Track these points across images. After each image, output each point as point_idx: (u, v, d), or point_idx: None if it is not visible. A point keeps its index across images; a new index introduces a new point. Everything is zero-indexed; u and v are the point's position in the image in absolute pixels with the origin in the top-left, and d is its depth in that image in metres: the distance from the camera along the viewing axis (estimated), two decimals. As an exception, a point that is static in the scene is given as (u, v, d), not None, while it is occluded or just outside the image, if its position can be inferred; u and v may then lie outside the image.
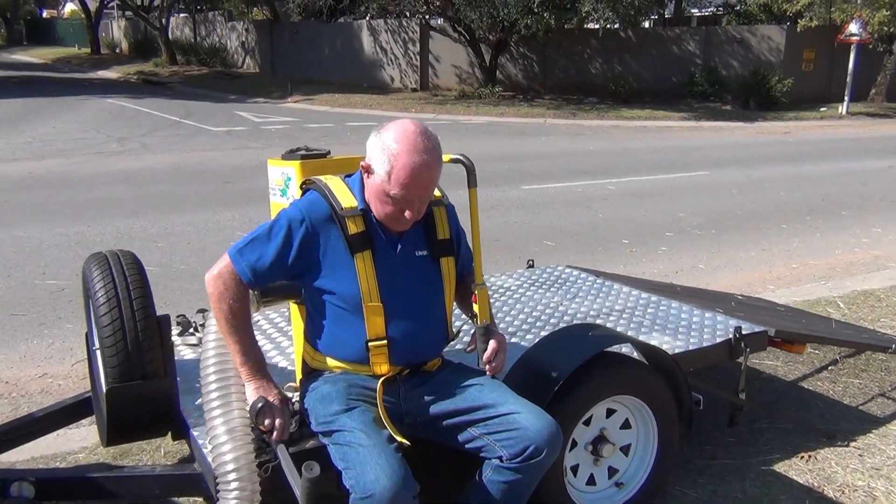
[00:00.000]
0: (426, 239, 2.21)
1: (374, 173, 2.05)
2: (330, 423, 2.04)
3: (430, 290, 2.22)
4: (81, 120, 15.06)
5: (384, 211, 2.08)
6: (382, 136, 2.05)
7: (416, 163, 2.01)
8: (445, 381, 2.20)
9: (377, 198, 2.07)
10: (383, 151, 2.02)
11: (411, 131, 2.04)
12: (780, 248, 6.80)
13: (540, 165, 10.96)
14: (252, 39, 29.60)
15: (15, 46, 47.19)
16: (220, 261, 2.11)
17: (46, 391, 3.78)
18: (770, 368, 3.94)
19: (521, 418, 2.04)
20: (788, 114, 18.61)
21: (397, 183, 2.01)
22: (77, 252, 6.02)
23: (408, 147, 2.01)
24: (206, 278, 2.11)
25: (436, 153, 2.06)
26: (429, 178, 2.05)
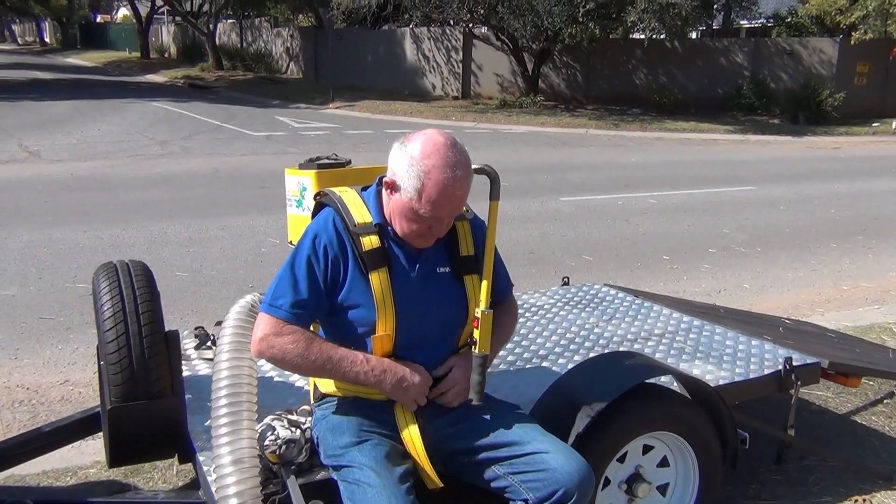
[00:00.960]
0: (448, 255, 2.05)
1: (400, 190, 1.89)
2: (339, 457, 1.89)
3: (453, 310, 2.05)
4: (126, 123, 15.26)
5: (409, 229, 1.93)
6: (409, 150, 1.88)
7: (449, 180, 1.85)
8: (468, 412, 2.03)
9: (402, 216, 1.92)
10: (412, 167, 1.86)
11: (441, 144, 1.87)
12: (830, 268, 6.50)
13: (580, 177, 10.74)
14: (296, 45, 29.85)
15: (69, 50, 48.34)
16: (258, 324, 1.94)
17: (66, 399, 3.72)
18: (821, 400, 3.69)
19: (549, 459, 1.87)
20: (839, 129, 18.06)
21: (429, 202, 1.85)
22: (110, 255, 6.00)
23: (440, 162, 1.85)
24: (254, 351, 1.93)
25: (468, 167, 1.91)
26: (462, 194, 1.90)
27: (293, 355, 1.89)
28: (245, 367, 2.05)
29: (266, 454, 1.97)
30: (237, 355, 2.02)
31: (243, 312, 2.14)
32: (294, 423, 2.09)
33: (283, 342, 1.89)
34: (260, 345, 1.90)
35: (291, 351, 1.89)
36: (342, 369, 1.92)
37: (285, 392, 2.54)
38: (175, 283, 5.41)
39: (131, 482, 2.81)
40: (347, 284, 1.95)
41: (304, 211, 2.23)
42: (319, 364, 1.91)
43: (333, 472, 1.92)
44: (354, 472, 1.82)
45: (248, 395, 1.98)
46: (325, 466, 1.97)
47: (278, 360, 1.91)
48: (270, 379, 2.66)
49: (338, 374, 1.94)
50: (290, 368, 1.97)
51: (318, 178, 2.20)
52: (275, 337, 1.89)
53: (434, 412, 2.01)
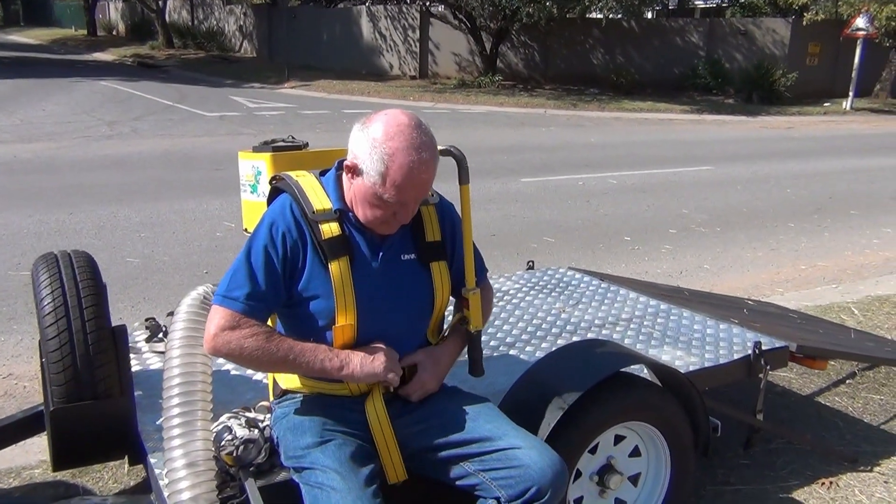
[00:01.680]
0: (413, 242, 1.94)
1: (362, 174, 1.77)
2: (301, 459, 1.78)
3: (418, 299, 1.95)
4: (73, 102, 14.73)
5: (373, 215, 1.82)
6: (371, 132, 1.76)
7: (414, 162, 1.73)
8: (435, 407, 1.95)
9: (365, 201, 1.80)
10: (374, 150, 1.74)
11: (405, 124, 1.76)
12: (788, 247, 6.56)
13: (540, 157, 10.69)
14: (250, 23, 29.17)
15: (11, 27, 46.60)
16: (211, 318, 1.81)
17: (10, 394, 3.53)
18: (784, 381, 3.70)
19: (521, 455, 1.79)
20: (792, 108, 18.34)
21: (393, 186, 1.74)
22: (55, 241, 5.76)
23: (404, 144, 1.73)
24: (208, 348, 1.80)
25: (433, 149, 1.79)
26: (428, 177, 1.79)
27: (252, 349, 1.77)
28: (198, 363, 1.93)
29: (222, 456, 1.85)
30: (189, 350, 1.89)
31: (195, 304, 2.02)
32: (252, 421, 1.98)
33: (240, 336, 1.77)
34: (215, 340, 1.78)
35: (250, 345, 1.77)
36: (305, 361, 1.81)
37: (242, 387, 2.42)
38: (126, 269, 5.21)
39: (79, 483, 2.67)
40: (306, 274, 1.84)
41: (259, 196, 2.09)
42: (281, 357, 1.79)
43: (294, 475, 1.81)
44: (317, 474, 1.72)
45: (202, 393, 1.86)
46: (286, 468, 1.87)
47: (236, 355, 1.79)
48: (227, 373, 2.53)
49: (301, 368, 1.83)
50: (248, 364, 1.85)
51: (274, 162, 2.07)
52: (231, 331, 1.77)
53: (401, 409, 1.92)
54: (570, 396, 2.00)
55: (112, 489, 2.68)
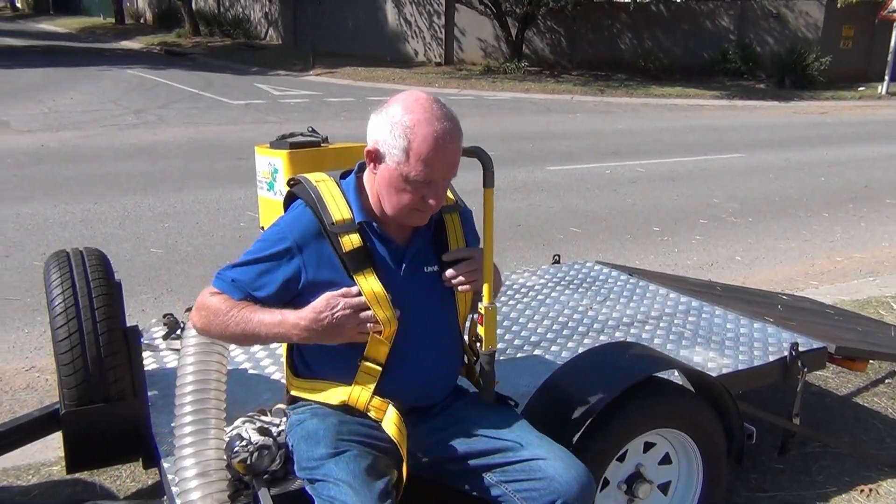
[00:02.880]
0: (436, 251, 1.84)
1: (384, 158, 1.68)
2: (314, 470, 1.71)
3: (441, 312, 1.86)
4: (100, 91, 14.81)
5: (400, 203, 1.71)
6: (389, 112, 1.68)
7: (437, 131, 1.65)
8: (458, 415, 1.87)
9: (391, 187, 1.70)
10: (395, 126, 1.65)
11: (423, 98, 1.69)
12: (822, 238, 6.38)
13: (566, 145, 10.53)
14: (275, 10, 29.14)
15: (41, 15, 47.02)
16: (202, 295, 1.76)
17: (32, 387, 3.53)
18: (820, 380, 3.57)
19: (546, 466, 1.71)
20: (825, 93, 17.92)
21: (418, 159, 1.64)
22: (80, 231, 5.77)
23: (425, 116, 1.65)
24: (191, 321, 1.79)
25: (455, 121, 1.71)
26: (454, 149, 1.69)
27: (216, 312, 1.72)
28: (213, 368, 1.86)
29: (235, 463, 1.79)
30: (204, 356, 1.83)
31: None
32: (267, 426, 1.91)
33: (211, 301, 1.73)
34: (194, 314, 1.76)
35: (216, 307, 1.72)
36: (264, 323, 1.70)
37: (259, 387, 2.36)
38: (149, 260, 5.19)
39: (96, 481, 2.64)
40: (328, 287, 1.73)
41: (275, 195, 2.01)
42: (242, 320, 1.70)
43: (308, 486, 1.74)
44: (329, 487, 1.65)
45: (215, 401, 1.80)
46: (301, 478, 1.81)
47: (204, 321, 1.74)
48: (244, 372, 2.48)
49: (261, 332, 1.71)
50: (214, 330, 1.74)
51: (291, 159, 1.98)
52: (207, 297, 1.74)
53: (421, 418, 1.84)
54: (599, 402, 1.91)
55: (129, 488, 2.65)
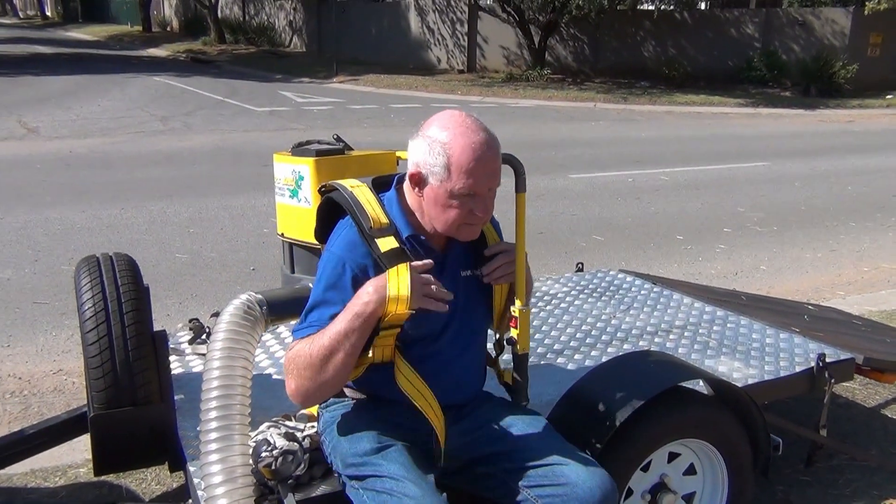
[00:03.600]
0: (471, 257, 1.87)
1: (427, 178, 1.71)
2: (361, 466, 1.72)
3: (475, 315, 1.90)
4: (127, 98, 15.03)
5: (449, 219, 1.73)
6: (426, 134, 1.72)
7: (474, 142, 1.68)
8: (484, 417, 1.89)
9: (439, 205, 1.72)
10: (433, 146, 1.69)
11: (456, 114, 1.73)
12: (849, 248, 6.30)
13: (589, 153, 10.51)
14: (299, 18, 29.41)
15: (70, 23, 47.81)
16: (289, 353, 1.74)
17: (59, 389, 3.57)
18: (847, 392, 3.52)
19: (569, 472, 1.71)
20: (852, 101, 17.72)
21: (460, 171, 1.67)
22: (107, 236, 5.85)
23: (460, 130, 1.69)
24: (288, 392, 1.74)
25: (490, 132, 1.74)
26: (493, 158, 1.71)
27: (298, 356, 1.68)
28: (239, 371, 1.88)
29: (260, 468, 1.80)
30: (229, 361, 1.84)
31: (238, 312, 1.97)
32: (292, 431, 1.93)
33: (291, 354, 1.71)
34: (287, 382, 1.71)
35: (296, 352, 1.69)
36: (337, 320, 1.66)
37: (283, 392, 2.35)
38: (174, 265, 5.25)
39: (122, 483, 2.67)
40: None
41: (299, 202, 2.03)
42: (327, 346, 1.65)
43: (354, 483, 1.74)
44: (384, 481, 1.66)
45: (240, 406, 1.81)
46: (327, 477, 1.82)
47: (296, 376, 1.69)
48: (268, 377, 2.50)
49: (341, 342, 1.65)
50: (306, 374, 1.69)
51: (318, 167, 1.99)
52: (289, 354, 1.71)
53: (451, 418, 1.85)
54: (623, 411, 1.90)
55: (154, 491, 2.67)
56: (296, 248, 2.15)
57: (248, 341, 1.88)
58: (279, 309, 1.93)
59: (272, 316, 1.93)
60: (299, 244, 2.12)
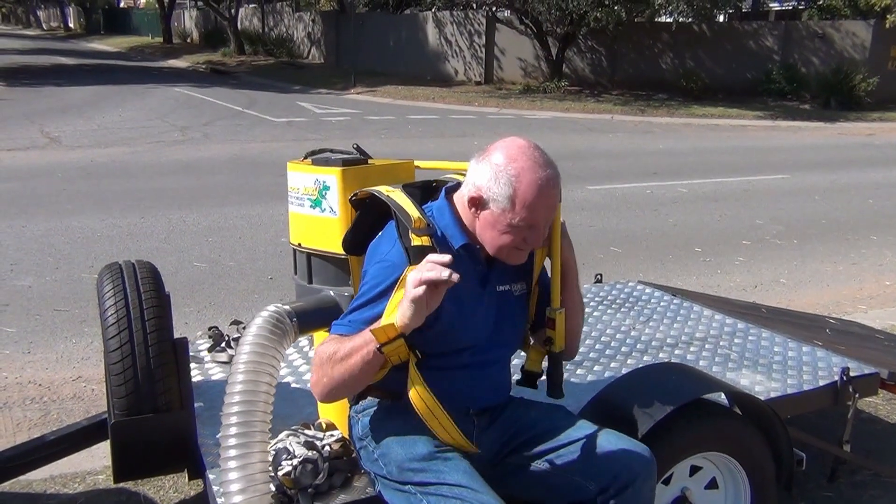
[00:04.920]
0: (513, 272, 1.88)
1: (487, 203, 1.72)
2: (422, 472, 1.69)
3: (510, 330, 1.92)
4: (147, 108, 15.18)
5: (502, 243, 1.75)
6: (492, 159, 1.72)
7: (541, 179, 1.69)
8: (515, 414, 1.91)
9: (495, 230, 1.74)
10: (499, 174, 1.69)
11: (525, 146, 1.73)
12: (871, 262, 6.23)
13: (606, 164, 10.48)
14: (318, 30, 29.65)
15: (93, 35, 48.53)
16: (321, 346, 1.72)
17: (79, 396, 3.59)
18: (870, 407, 3.47)
19: (604, 442, 1.76)
20: (872, 114, 17.57)
21: (524, 207, 1.69)
22: (127, 245, 5.89)
23: (529, 163, 1.70)
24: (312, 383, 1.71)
25: (556, 167, 1.75)
26: (556, 194, 1.74)
27: (322, 358, 1.66)
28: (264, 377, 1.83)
29: (280, 477, 1.80)
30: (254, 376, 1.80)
31: (266, 324, 1.91)
32: (311, 439, 1.92)
33: (319, 350, 1.69)
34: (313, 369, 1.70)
35: (321, 353, 1.67)
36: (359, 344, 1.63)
37: (302, 401, 2.37)
38: (193, 274, 5.28)
39: (140, 492, 2.68)
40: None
41: (323, 212, 2.03)
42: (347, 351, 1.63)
43: (411, 488, 1.71)
44: (456, 490, 1.64)
45: (262, 413, 1.79)
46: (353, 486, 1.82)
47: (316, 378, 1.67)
48: (287, 385, 2.50)
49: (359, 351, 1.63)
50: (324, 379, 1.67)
51: (345, 177, 2.00)
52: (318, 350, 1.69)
53: (487, 418, 1.88)
54: (645, 423, 1.89)
55: (172, 499, 2.68)
56: (314, 259, 2.13)
57: (273, 355, 1.84)
58: (308, 320, 1.91)
59: (301, 327, 1.90)
60: (319, 254, 2.11)
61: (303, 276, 2.19)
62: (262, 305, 1.99)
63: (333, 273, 2.09)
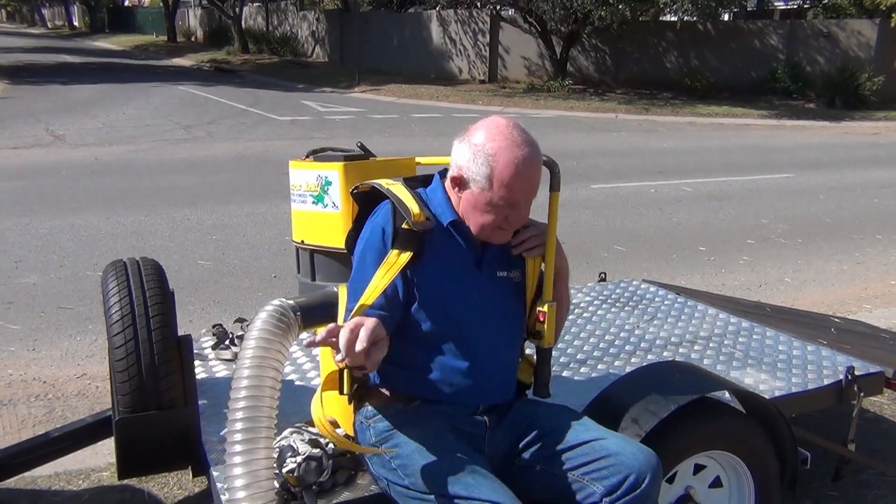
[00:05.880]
0: (508, 257, 1.90)
1: (468, 183, 1.76)
2: (450, 485, 1.66)
3: (511, 319, 1.92)
4: (151, 107, 15.20)
5: (484, 223, 1.79)
6: (472, 139, 1.76)
7: (518, 158, 1.72)
8: (522, 414, 1.90)
9: (475, 209, 1.78)
10: (477, 154, 1.73)
11: (504, 125, 1.76)
12: (876, 261, 6.22)
13: (610, 163, 10.47)
14: (322, 29, 29.65)
15: (97, 34, 48.63)
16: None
17: (83, 394, 3.60)
18: (875, 406, 3.46)
19: (611, 445, 1.75)
20: (878, 113, 17.52)
21: (501, 184, 1.72)
22: (132, 243, 5.90)
23: (506, 143, 1.72)
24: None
25: (535, 145, 1.78)
26: (535, 172, 1.77)
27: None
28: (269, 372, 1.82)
29: (284, 474, 1.80)
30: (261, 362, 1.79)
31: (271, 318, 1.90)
32: (315, 437, 1.92)
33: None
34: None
35: None
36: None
37: (305, 398, 2.34)
38: (197, 272, 5.29)
39: (145, 488, 2.68)
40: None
41: (325, 207, 2.03)
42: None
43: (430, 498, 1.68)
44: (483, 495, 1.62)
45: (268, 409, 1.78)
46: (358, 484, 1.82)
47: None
48: (290, 383, 2.50)
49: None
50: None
51: (346, 171, 2.01)
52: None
53: (496, 417, 1.87)
54: (649, 422, 1.88)
55: (176, 496, 2.68)
56: (317, 256, 2.13)
57: (279, 349, 1.83)
58: (312, 315, 1.90)
59: (305, 322, 1.89)
60: (322, 250, 2.10)
61: (306, 274, 2.19)
62: (266, 303, 1.99)
63: (336, 269, 2.10)
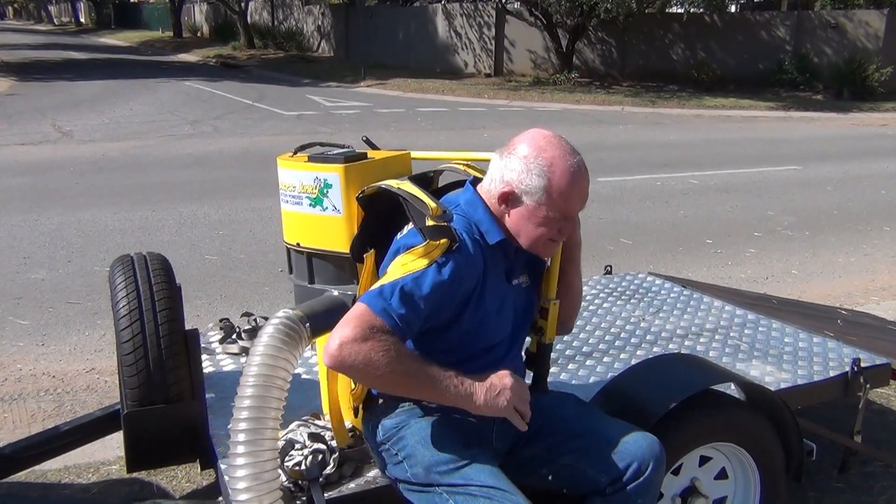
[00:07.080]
0: (530, 264, 1.90)
1: (521, 197, 1.70)
2: (449, 473, 1.67)
3: (526, 322, 1.92)
4: (158, 102, 15.23)
5: (538, 236, 1.74)
6: (519, 152, 1.71)
7: (574, 166, 1.70)
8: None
9: (530, 224, 1.72)
10: (532, 166, 1.68)
11: (550, 135, 1.74)
12: (884, 253, 6.19)
13: (617, 156, 10.44)
14: (328, 23, 29.63)
15: (104, 30, 48.69)
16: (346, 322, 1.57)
17: (92, 388, 3.63)
18: (881, 398, 3.46)
19: (614, 432, 1.76)
20: (886, 105, 17.41)
21: (560, 195, 1.68)
22: (139, 238, 5.93)
23: (559, 152, 1.70)
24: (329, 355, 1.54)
25: (580, 154, 1.76)
26: (588, 180, 1.75)
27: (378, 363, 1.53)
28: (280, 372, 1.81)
29: (289, 468, 1.81)
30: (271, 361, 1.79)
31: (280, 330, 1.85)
32: (320, 431, 1.94)
33: (370, 349, 1.53)
34: (341, 350, 1.52)
35: (379, 360, 1.53)
36: (431, 386, 1.60)
37: (312, 392, 2.38)
38: (204, 267, 5.31)
39: (153, 482, 2.70)
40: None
41: (325, 210, 2.00)
42: (403, 375, 1.57)
43: (433, 489, 1.69)
44: (483, 490, 1.63)
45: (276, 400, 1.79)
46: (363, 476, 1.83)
47: (359, 369, 1.54)
48: (297, 377, 2.50)
49: (422, 391, 1.64)
50: (368, 381, 1.66)
51: (347, 174, 1.97)
52: (363, 343, 1.53)
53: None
54: (654, 414, 1.89)
55: (185, 488, 2.70)
56: (315, 259, 2.10)
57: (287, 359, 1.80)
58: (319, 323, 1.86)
59: (314, 332, 1.85)
60: (320, 254, 2.07)
61: (302, 277, 2.13)
62: (272, 298, 2.00)
63: (336, 273, 2.06)
